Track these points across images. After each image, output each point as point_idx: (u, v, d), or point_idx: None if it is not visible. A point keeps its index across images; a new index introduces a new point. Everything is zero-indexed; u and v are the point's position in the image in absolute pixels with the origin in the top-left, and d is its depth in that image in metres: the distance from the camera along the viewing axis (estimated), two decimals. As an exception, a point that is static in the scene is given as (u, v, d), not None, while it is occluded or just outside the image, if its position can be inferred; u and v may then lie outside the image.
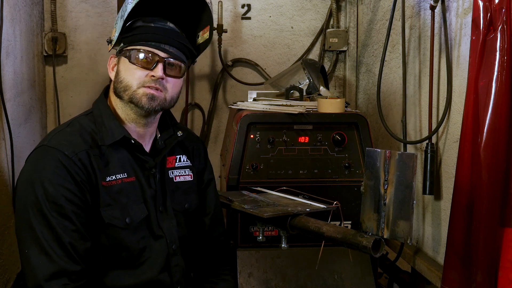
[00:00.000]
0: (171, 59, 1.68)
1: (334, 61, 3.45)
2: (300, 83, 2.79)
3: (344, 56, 3.44)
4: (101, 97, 1.78)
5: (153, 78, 1.65)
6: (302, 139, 2.40)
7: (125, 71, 1.68)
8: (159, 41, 1.67)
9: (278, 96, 2.76)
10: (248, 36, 3.40)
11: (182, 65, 1.72)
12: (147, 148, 1.78)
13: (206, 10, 1.81)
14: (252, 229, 2.35)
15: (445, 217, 2.18)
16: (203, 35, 1.85)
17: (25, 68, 2.85)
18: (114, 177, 1.67)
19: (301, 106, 2.46)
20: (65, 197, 1.57)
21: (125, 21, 1.69)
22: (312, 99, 2.68)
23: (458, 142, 1.97)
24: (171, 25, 1.73)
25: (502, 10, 1.76)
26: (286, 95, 2.63)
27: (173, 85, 1.70)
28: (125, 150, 1.71)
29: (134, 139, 1.71)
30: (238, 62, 3.41)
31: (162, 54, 1.67)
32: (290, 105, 2.47)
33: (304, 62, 2.88)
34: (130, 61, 1.66)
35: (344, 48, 3.39)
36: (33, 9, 3.01)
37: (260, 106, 2.47)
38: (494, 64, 1.77)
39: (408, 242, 1.48)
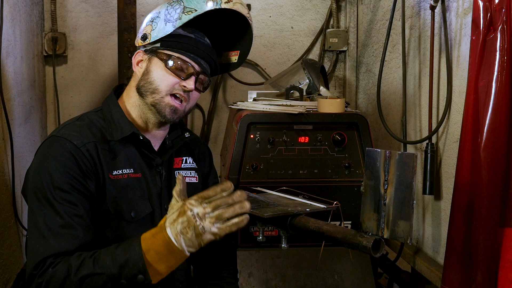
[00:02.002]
0: (203, 75, 1.75)
1: (334, 61, 3.44)
2: (300, 83, 2.79)
3: (344, 56, 3.43)
4: (111, 95, 1.81)
5: (184, 88, 1.70)
6: (302, 139, 2.40)
7: (157, 74, 1.71)
8: (198, 54, 1.72)
9: (278, 96, 2.76)
10: (248, 36, 3.40)
11: (209, 81, 1.80)
12: (156, 147, 1.81)
13: (246, 35, 1.87)
14: (252, 229, 2.35)
15: (445, 217, 2.18)
16: (228, 57, 1.92)
17: (25, 68, 2.85)
18: (120, 171, 1.69)
19: (301, 106, 2.46)
20: (70, 184, 1.58)
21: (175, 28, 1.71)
22: (312, 99, 2.68)
23: (458, 142, 1.97)
24: (208, 40, 1.78)
25: (502, 10, 1.75)
26: (286, 95, 2.63)
27: (194, 97, 1.76)
28: (133, 146, 1.74)
29: (143, 136, 1.73)
30: (238, 62, 3.41)
31: (197, 68, 1.73)
32: (290, 105, 2.47)
33: (304, 62, 2.87)
34: (166, 67, 1.70)
35: (344, 48, 3.39)
36: (33, 9, 3.01)
37: (260, 106, 2.47)
38: (494, 64, 1.77)
39: (408, 242, 1.48)
